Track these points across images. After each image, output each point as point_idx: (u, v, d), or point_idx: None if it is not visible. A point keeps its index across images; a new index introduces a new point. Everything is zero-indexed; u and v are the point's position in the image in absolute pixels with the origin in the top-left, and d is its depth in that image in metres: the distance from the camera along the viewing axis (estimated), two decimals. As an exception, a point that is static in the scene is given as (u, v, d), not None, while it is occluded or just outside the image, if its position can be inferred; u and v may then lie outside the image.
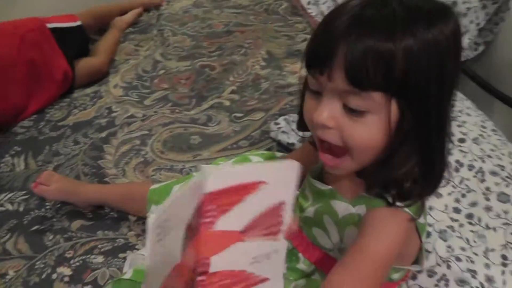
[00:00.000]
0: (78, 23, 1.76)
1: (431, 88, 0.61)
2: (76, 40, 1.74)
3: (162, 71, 1.72)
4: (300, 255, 0.86)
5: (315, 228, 0.83)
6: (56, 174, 1.20)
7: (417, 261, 0.78)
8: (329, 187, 0.78)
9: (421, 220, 0.72)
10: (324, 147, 0.69)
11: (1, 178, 1.31)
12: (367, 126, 0.63)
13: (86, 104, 1.59)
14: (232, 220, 0.62)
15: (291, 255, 0.88)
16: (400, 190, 0.67)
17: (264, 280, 0.68)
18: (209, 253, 0.61)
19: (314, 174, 0.82)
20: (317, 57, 0.64)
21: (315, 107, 0.66)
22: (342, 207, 0.76)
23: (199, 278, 0.61)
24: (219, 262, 0.62)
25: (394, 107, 0.62)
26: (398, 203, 0.67)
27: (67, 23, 1.73)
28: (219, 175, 0.59)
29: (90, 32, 1.89)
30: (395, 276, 0.79)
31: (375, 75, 0.59)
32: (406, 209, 0.67)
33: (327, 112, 0.64)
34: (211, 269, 0.61)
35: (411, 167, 0.66)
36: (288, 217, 0.66)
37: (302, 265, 0.86)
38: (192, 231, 0.61)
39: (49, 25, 1.65)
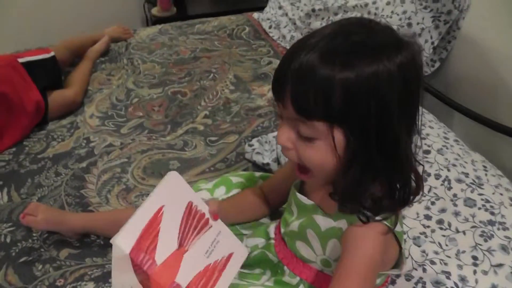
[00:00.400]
0: (52, 54, 1.77)
1: (370, 117, 0.65)
2: (48, 72, 1.75)
3: (135, 99, 1.75)
4: (286, 268, 0.91)
5: (298, 241, 0.88)
6: (42, 205, 1.20)
7: (396, 265, 0.84)
8: (312, 202, 0.84)
9: (398, 228, 0.77)
10: (295, 163, 0.76)
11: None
12: (317, 150, 0.70)
13: (63, 135, 1.59)
14: (164, 248, 0.73)
15: (276, 269, 0.93)
16: (370, 206, 0.72)
17: (229, 256, 0.81)
18: (171, 279, 0.73)
19: (297, 187, 0.88)
20: (274, 88, 0.71)
21: (279, 130, 0.74)
22: (324, 221, 0.81)
23: None
24: (183, 277, 0.74)
25: (338, 133, 0.67)
26: (373, 218, 0.72)
27: (39, 55, 1.75)
28: (124, 235, 0.71)
29: (65, 65, 1.91)
30: (377, 281, 0.84)
31: (316, 106, 0.65)
32: (383, 221, 0.73)
33: (285, 136, 0.72)
34: (183, 286, 0.73)
35: (370, 185, 0.71)
36: (204, 206, 0.80)
37: (288, 277, 0.90)
38: (144, 283, 0.72)
39: (21, 60, 1.66)
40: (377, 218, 0.72)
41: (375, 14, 1.58)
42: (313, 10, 1.87)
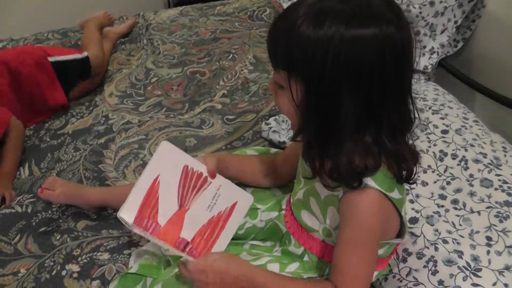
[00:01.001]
0: (85, 55, 1.72)
1: (331, 78, 0.67)
2: (79, 72, 1.71)
3: (154, 79, 1.76)
4: (292, 237, 0.92)
5: (303, 210, 0.90)
6: (60, 179, 1.23)
7: (400, 235, 0.85)
8: None
9: (396, 195, 0.76)
10: None
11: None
12: (282, 98, 0.76)
13: (82, 113, 1.62)
14: (165, 211, 0.83)
15: (285, 239, 0.95)
16: (344, 168, 0.73)
17: (233, 205, 0.89)
18: (176, 236, 0.83)
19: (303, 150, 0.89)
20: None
21: None
22: (322, 189, 0.83)
23: (187, 250, 0.83)
24: (188, 233, 0.84)
25: (297, 84, 0.72)
26: (362, 182, 0.73)
27: (70, 55, 1.72)
28: (126, 208, 0.82)
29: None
30: (380, 251, 0.84)
31: (279, 55, 0.73)
32: (374, 186, 0.73)
33: (271, 82, 0.79)
34: (189, 239, 0.83)
35: (326, 147, 0.73)
36: (201, 166, 0.87)
37: (293, 247, 0.92)
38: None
39: (51, 59, 1.66)
40: (369, 183, 0.73)
41: (397, -8, 1.54)
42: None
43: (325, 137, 0.73)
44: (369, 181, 0.73)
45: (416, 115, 0.77)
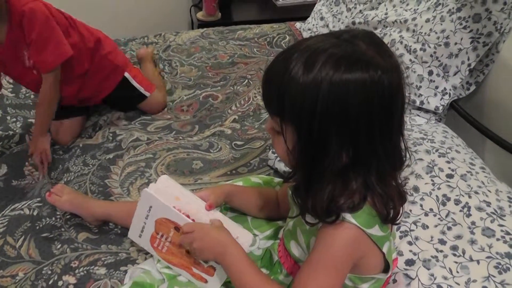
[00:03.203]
0: (148, 95, 1.73)
1: (321, 124, 0.69)
2: (129, 101, 1.75)
3: (165, 109, 1.78)
4: (282, 266, 0.94)
5: (292, 240, 0.92)
6: (68, 188, 1.28)
7: (386, 270, 0.85)
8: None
9: (376, 232, 0.77)
10: None
11: (25, 188, 1.40)
12: (278, 143, 0.78)
13: (89, 133, 1.66)
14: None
15: (277, 267, 0.97)
16: (326, 206, 0.75)
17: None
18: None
19: (293, 188, 0.90)
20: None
21: None
22: (309, 220, 0.83)
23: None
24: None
25: (290, 130, 0.73)
26: (341, 217, 0.74)
27: (142, 88, 1.73)
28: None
29: None
30: (365, 286, 0.84)
31: (272, 103, 0.75)
32: (351, 221, 0.74)
33: (268, 125, 0.80)
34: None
35: (321, 186, 0.75)
36: (194, 202, 0.97)
37: (283, 276, 0.94)
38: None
39: (126, 74, 1.72)
40: (347, 218, 0.74)
41: (413, 31, 1.55)
42: (353, 23, 1.86)
43: (311, 179, 0.75)
44: (347, 216, 0.74)
45: (408, 155, 0.80)
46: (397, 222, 0.80)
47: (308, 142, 0.71)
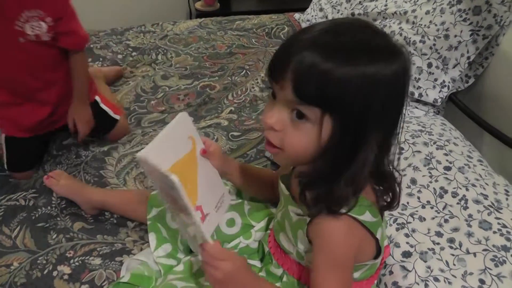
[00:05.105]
0: (118, 118, 1.56)
1: (360, 114, 0.68)
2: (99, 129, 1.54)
3: (161, 94, 1.76)
4: (272, 257, 0.94)
5: (281, 232, 0.91)
6: (66, 174, 1.29)
7: (376, 257, 0.85)
8: (288, 193, 0.87)
9: (367, 218, 0.77)
10: (268, 141, 0.77)
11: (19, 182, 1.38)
12: (304, 133, 0.71)
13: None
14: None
15: (267, 258, 0.97)
16: (321, 197, 0.75)
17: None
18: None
19: (284, 179, 0.91)
20: (274, 68, 0.72)
21: (269, 111, 0.74)
22: (295, 212, 0.85)
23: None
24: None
25: (328, 122, 0.69)
26: (335, 209, 0.74)
27: (110, 111, 1.55)
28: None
29: None
30: (356, 275, 0.84)
31: (313, 93, 0.68)
32: (342, 210, 0.75)
33: (276, 117, 0.73)
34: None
35: (329, 178, 0.74)
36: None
37: (273, 267, 0.94)
38: None
39: (97, 98, 1.54)
40: (337, 210, 0.74)
41: (413, 22, 1.54)
42: (353, 14, 1.84)
43: (342, 170, 0.72)
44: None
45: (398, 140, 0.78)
46: (395, 205, 0.81)
47: (349, 132, 0.69)
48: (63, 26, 1.30)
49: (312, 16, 2.19)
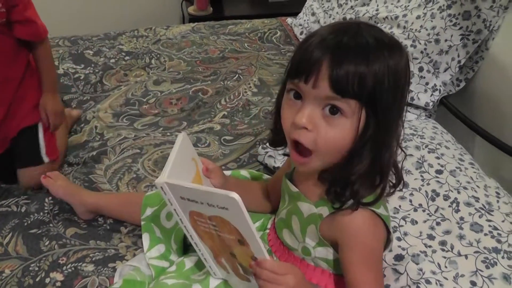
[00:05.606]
0: (47, 160, 1.38)
1: (389, 103, 0.75)
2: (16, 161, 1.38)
3: (152, 99, 1.75)
4: (274, 255, 0.95)
5: (285, 229, 0.92)
6: (63, 176, 1.29)
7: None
8: (297, 189, 0.88)
9: (383, 212, 0.82)
10: (295, 148, 0.79)
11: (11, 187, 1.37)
12: (340, 128, 0.74)
13: (74, 128, 1.61)
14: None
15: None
16: (352, 191, 0.77)
17: None
18: None
19: (288, 177, 0.93)
20: (303, 68, 0.74)
21: (294, 113, 0.76)
22: (306, 208, 0.86)
23: None
24: None
25: (363, 115, 0.74)
26: (357, 204, 0.78)
27: (44, 147, 1.39)
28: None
29: None
30: None
31: (352, 87, 0.72)
32: (368, 207, 0.79)
33: (308, 115, 0.74)
34: None
35: (364, 170, 0.77)
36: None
37: None
38: None
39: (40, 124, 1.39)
40: (359, 204, 0.78)
41: (404, 27, 1.55)
42: (344, 19, 1.85)
43: (375, 162, 0.77)
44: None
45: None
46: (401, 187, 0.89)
47: (379, 123, 0.75)
48: (18, 15, 1.24)
49: (305, 20, 2.20)
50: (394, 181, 0.86)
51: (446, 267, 0.95)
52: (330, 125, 0.75)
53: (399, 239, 1.02)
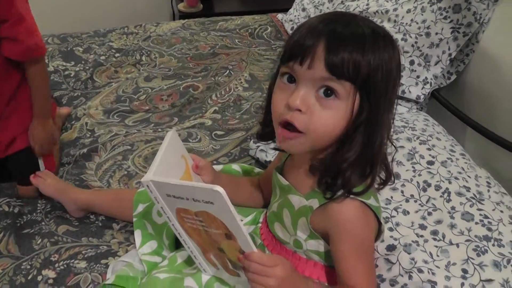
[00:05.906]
0: (42, 168, 1.34)
1: (382, 93, 0.75)
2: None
3: (143, 96, 1.73)
4: (266, 248, 0.95)
5: (276, 222, 0.92)
6: (53, 175, 1.28)
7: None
8: (287, 182, 0.88)
9: (373, 202, 0.82)
10: (284, 128, 0.79)
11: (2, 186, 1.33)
12: (333, 111, 0.75)
13: (65, 126, 1.59)
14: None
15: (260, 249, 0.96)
16: (343, 180, 0.77)
17: None
18: None
19: (278, 170, 0.93)
20: (299, 49, 0.74)
21: (287, 95, 0.76)
22: (297, 200, 0.86)
23: None
24: None
25: (357, 99, 0.74)
26: (347, 194, 0.78)
27: (42, 163, 1.35)
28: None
29: None
30: None
31: (347, 70, 0.72)
32: (357, 198, 0.79)
33: (302, 97, 0.74)
34: None
35: (354, 158, 0.76)
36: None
37: None
38: None
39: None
40: (348, 195, 0.79)
41: (394, 21, 1.55)
42: (335, 15, 1.86)
43: (365, 149, 0.77)
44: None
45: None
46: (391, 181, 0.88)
47: (372, 108, 0.75)
48: (6, 31, 1.17)
49: (295, 16, 2.20)
50: (384, 178, 0.86)
51: (438, 256, 0.95)
52: (324, 108, 0.75)
53: (391, 229, 1.02)
